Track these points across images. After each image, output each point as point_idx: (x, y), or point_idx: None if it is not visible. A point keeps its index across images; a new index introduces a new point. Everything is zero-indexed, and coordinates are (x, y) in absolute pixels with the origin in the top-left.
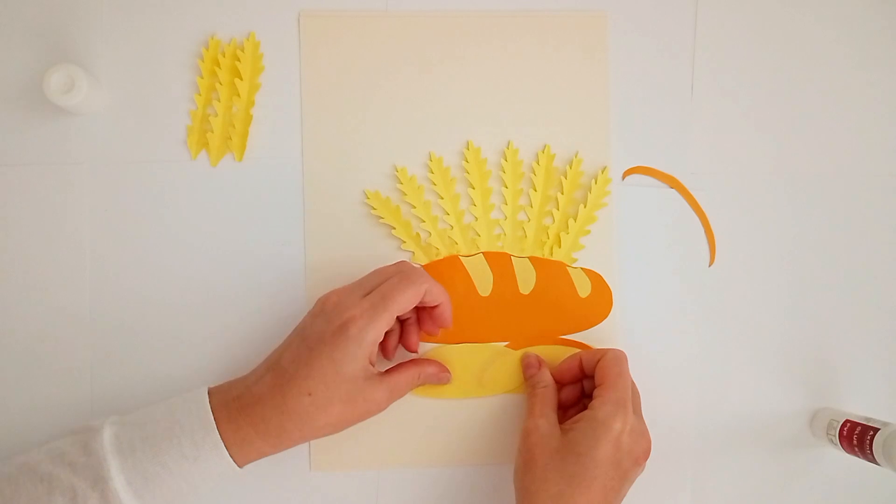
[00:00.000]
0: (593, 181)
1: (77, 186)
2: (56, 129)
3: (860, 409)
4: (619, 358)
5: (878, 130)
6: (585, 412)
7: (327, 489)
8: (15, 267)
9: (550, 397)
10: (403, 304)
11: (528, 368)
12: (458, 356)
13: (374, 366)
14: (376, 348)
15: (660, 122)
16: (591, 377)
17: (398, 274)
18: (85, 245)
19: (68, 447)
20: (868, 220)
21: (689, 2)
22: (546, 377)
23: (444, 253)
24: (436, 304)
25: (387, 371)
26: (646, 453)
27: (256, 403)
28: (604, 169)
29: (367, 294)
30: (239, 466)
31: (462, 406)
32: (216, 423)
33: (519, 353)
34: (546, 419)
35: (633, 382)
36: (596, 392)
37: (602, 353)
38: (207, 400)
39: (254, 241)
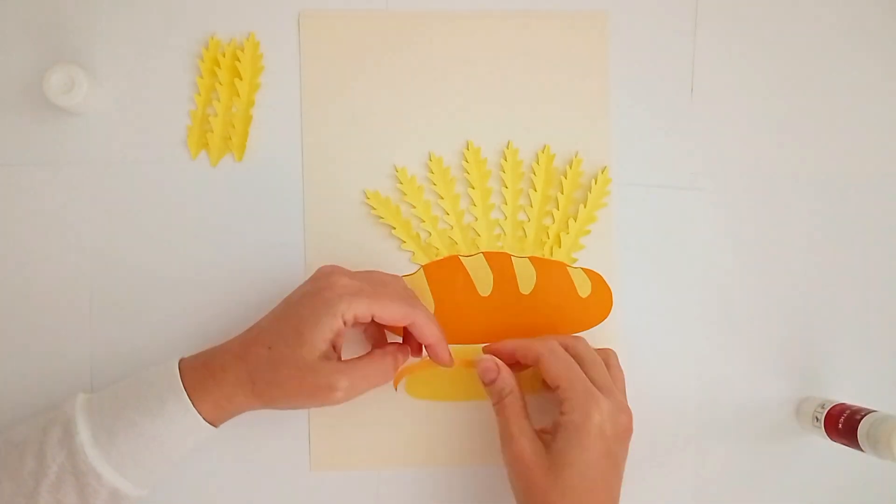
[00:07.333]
0: (593, 181)
1: (77, 186)
2: (56, 129)
3: (847, 398)
4: (556, 356)
5: (879, 130)
6: (561, 418)
7: (327, 489)
8: (15, 267)
9: (520, 406)
10: (384, 311)
11: (487, 374)
12: (458, 357)
13: (337, 351)
14: (342, 330)
15: (660, 121)
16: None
17: (404, 290)
18: (85, 245)
19: (46, 415)
20: (863, 217)
21: (689, 2)
22: (509, 382)
23: (444, 253)
24: (425, 342)
25: (352, 359)
26: (627, 427)
27: (223, 354)
28: (604, 169)
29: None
30: (206, 420)
31: (462, 407)
32: (181, 377)
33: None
34: (526, 437)
35: (592, 354)
36: (560, 394)
37: (535, 353)
38: (177, 362)
39: (254, 240)
